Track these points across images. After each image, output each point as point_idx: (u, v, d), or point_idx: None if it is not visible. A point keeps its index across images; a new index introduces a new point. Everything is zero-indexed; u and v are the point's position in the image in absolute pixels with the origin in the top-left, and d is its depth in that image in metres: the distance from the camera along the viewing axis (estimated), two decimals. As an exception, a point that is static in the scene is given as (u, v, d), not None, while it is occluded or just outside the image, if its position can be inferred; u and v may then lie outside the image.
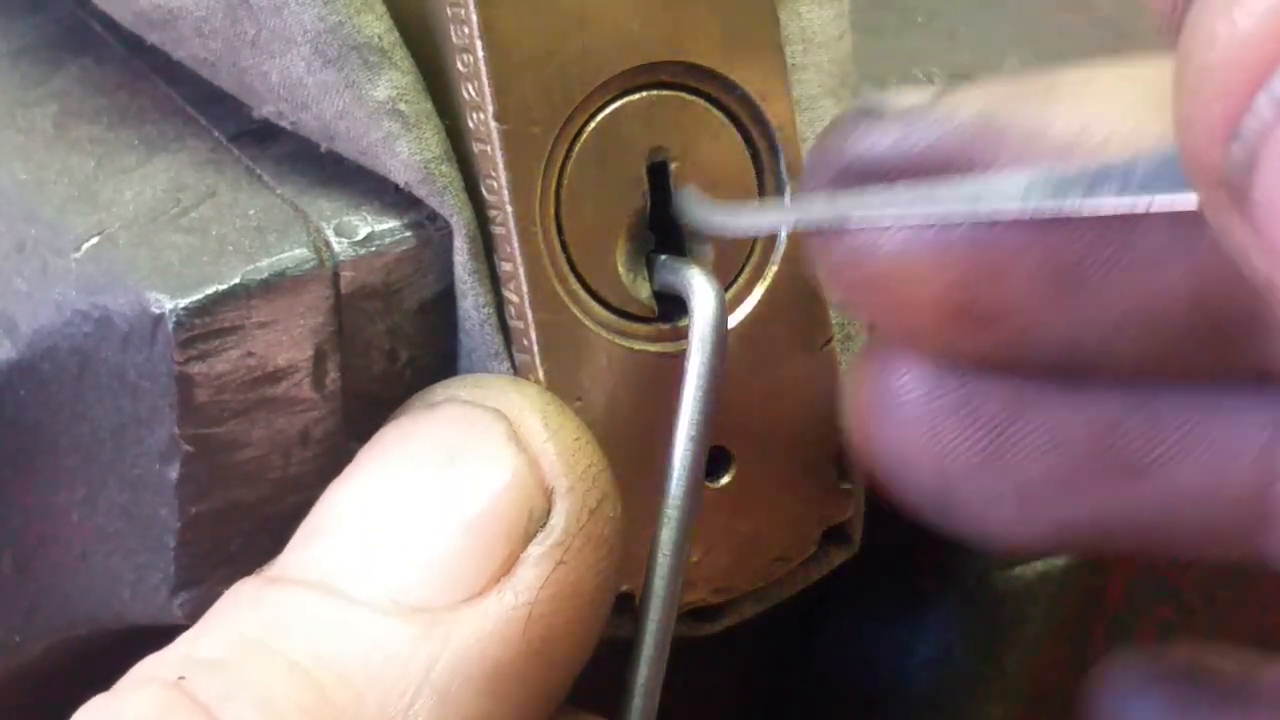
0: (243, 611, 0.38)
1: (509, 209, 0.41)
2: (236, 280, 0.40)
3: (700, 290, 0.41)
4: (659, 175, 0.42)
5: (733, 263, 0.43)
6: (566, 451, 0.39)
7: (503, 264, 0.41)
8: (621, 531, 0.40)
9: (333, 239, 0.41)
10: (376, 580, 0.38)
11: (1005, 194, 0.34)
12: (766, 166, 0.43)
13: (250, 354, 0.40)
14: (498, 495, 0.39)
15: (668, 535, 0.40)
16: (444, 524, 0.38)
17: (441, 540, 0.38)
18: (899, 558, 0.49)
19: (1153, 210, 0.31)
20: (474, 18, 0.40)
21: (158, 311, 0.39)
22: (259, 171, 0.43)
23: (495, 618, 0.38)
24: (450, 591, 0.38)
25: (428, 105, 0.41)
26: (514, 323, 0.41)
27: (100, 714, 0.36)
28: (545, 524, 0.39)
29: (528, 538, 0.38)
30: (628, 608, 0.41)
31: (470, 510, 0.39)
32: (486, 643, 0.38)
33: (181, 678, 0.36)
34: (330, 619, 0.37)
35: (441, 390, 0.41)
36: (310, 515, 0.40)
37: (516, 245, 0.41)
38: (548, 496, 0.39)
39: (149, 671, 0.37)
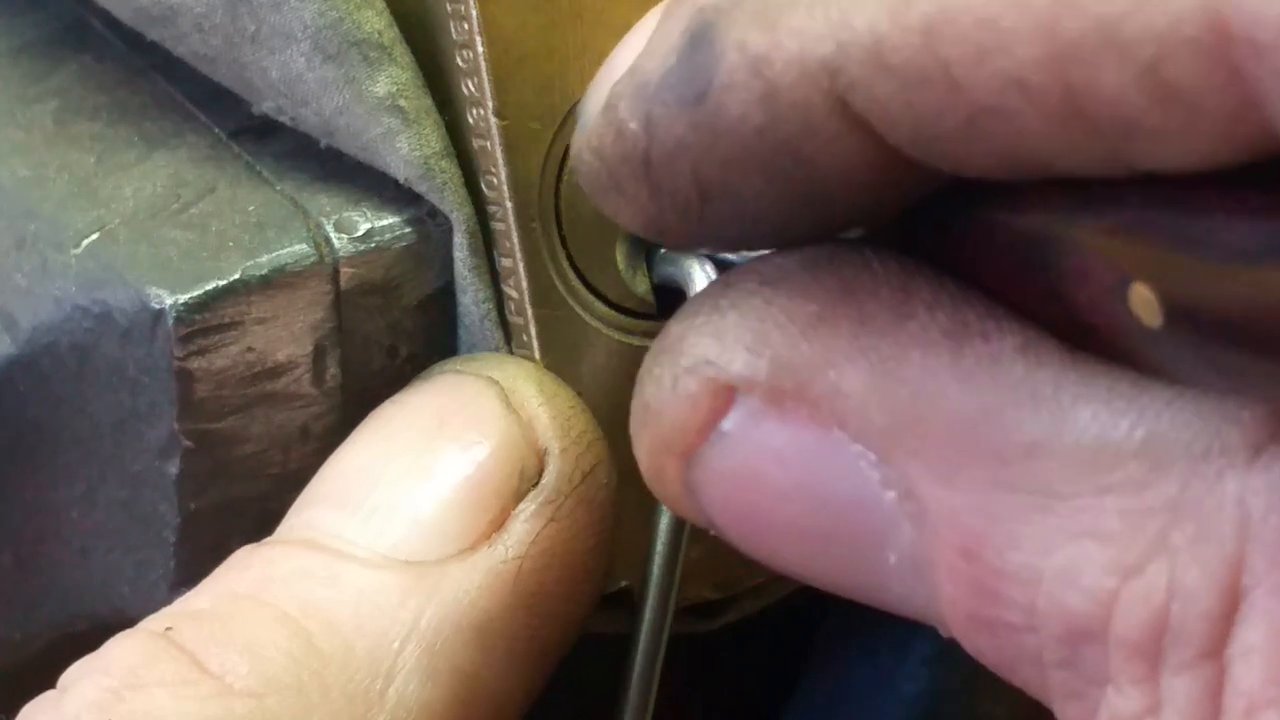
0: (233, 571, 0.39)
1: (509, 205, 0.41)
2: (236, 276, 0.40)
3: (699, 282, 0.41)
4: (658, 171, 0.42)
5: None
6: (561, 416, 0.40)
7: (502, 260, 0.41)
8: (616, 500, 0.40)
9: (332, 235, 0.41)
10: (366, 536, 0.38)
11: None
12: None
13: (250, 349, 0.40)
14: (489, 455, 0.39)
15: (666, 523, 0.40)
16: (435, 482, 0.39)
17: (432, 497, 0.39)
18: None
19: None
20: (474, 13, 0.40)
21: (158, 307, 0.39)
22: (259, 167, 0.43)
23: (485, 571, 0.38)
24: (440, 546, 0.38)
25: (427, 101, 0.41)
26: (514, 318, 0.41)
27: (87, 664, 0.36)
28: (537, 483, 0.39)
29: (519, 496, 0.39)
30: (627, 603, 0.41)
31: (461, 469, 0.39)
32: (476, 595, 0.38)
33: (169, 629, 0.37)
34: (319, 572, 0.38)
35: (437, 368, 0.41)
36: (307, 486, 0.40)
37: (516, 241, 0.41)
38: (541, 458, 0.39)
39: (138, 626, 0.38)
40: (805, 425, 0.32)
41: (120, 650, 0.37)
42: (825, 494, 0.33)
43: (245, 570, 0.38)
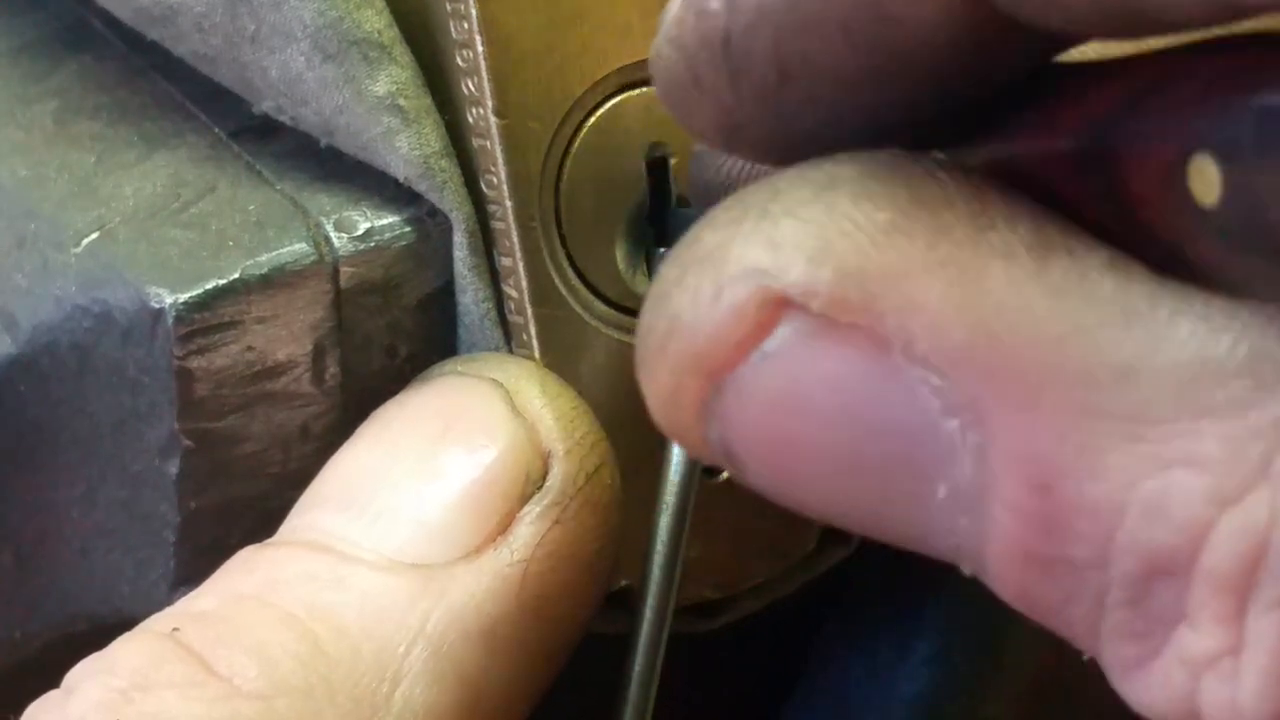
0: (238, 572, 0.39)
1: (508, 204, 0.41)
2: (236, 275, 0.40)
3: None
4: (658, 170, 0.42)
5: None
6: (564, 418, 0.40)
7: (502, 259, 0.41)
8: (620, 502, 0.40)
9: (332, 234, 0.41)
10: (372, 538, 0.38)
11: None
12: None
13: (250, 349, 0.40)
14: (495, 458, 0.39)
15: (666, 522, 0.40)
16: (441, 484, 0.39)
17: (438, 500, 0.39)
18: (897, 555, 0.49)
19: None
20: (474, 13, 0.40)
21: (157, 306, 0.39)
22: (259, 167, 0.43)
23: (491, 574, 0.38)
24: (447, 549, 0.38)
25: (427, 100, 0.41)
26: (513, 318, 0.41)
27: (92, 665, 0.36)
28: (542, 486, 0.39)
29: (525, 499, 0.39)
30: (627, 603, 0.41)
31: (467, 472, 0.39)
32: (482, 599, 0.38)
33: (175, 629, 0.37)
34: (326, 575, 0.38)
35: (437, 369, 0.41)
36: (309, 487, 0.40)
37: (516, 240, 0.41)
38: (545, 460, 0.39)
39: (144, 626, 0.37)
40: (861, 346, 0.30)
41: (126, 651, 0.37)
42: (876, 422, 0.31)
43: (250, 571, 0.38)
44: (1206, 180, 0.27)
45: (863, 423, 0.31)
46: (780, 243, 0.31)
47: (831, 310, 0.30)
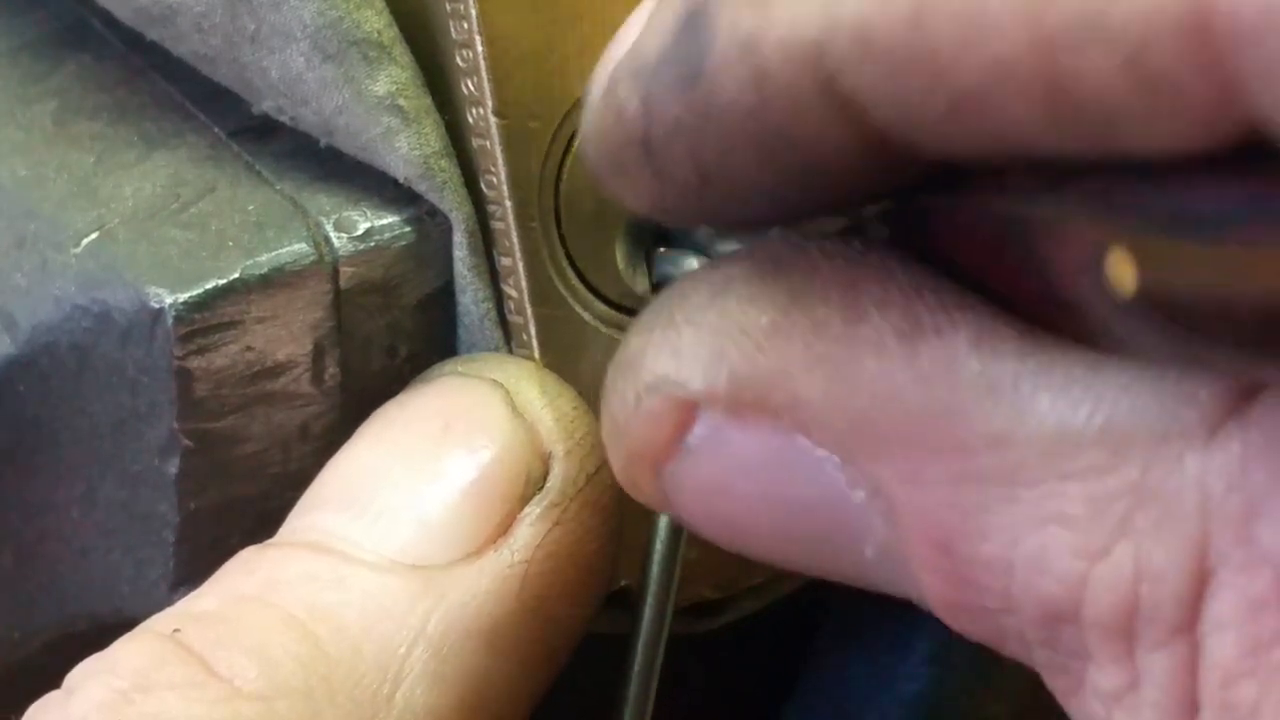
0: (239, 573, 0.39)
1: (508, 204, 0.41)
2: (236, 275, 0.40)
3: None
4: (658, 170, 0.42)
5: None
6: (565, 418, 0.40)
7: (502, 259, 0.41)
8: (620, 503, 0.40)
9: (332, 234, 0.41)
10: (373, 539, 0.38)
11: None
12: None
13: (249, 349, 0.40)
14: (495, 459, 0.39)
15: (665, 522, 0.40)
16: (442, 485, 0.39)
17: (439, 500, 0.39)
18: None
19: None
20: (473, 13, 0.40)
21: (157, 306, 0.39)
22: (258, 167, 0.43)
23: (492, 575, 0.38)
24: (447, 550, 0.38)
25: (427, 100, 0.41)
26: (513, 318, 0.41)
27: (93, 665, 0.36)
28: (542, 486, 0.39)
29: (525, 500, 0.39)
30: (627, 603, 0.41)
31: (467, 473, 0.39)
32: (483, 600, 0.38)
33: (176, 630, 0.37)
34: (326, 576, 0.38)
35: (437, 369, 0.41)
36: (310, 488, 0.40)
37: (515, 240, 0.41)
38: (545, 461, 0.40)
39: (145, 626, 0.38)
40: (768, 434, 0.33)
41: (128, 651, 0.37)
42: (795, 499, 0.33)
43: (251, 572, 0.38)
44: (1123, 274, 0.27)
45: (784, 500, 0.33)
46: (682, 351, 0.34)
47: (733, 411, 0.33)
